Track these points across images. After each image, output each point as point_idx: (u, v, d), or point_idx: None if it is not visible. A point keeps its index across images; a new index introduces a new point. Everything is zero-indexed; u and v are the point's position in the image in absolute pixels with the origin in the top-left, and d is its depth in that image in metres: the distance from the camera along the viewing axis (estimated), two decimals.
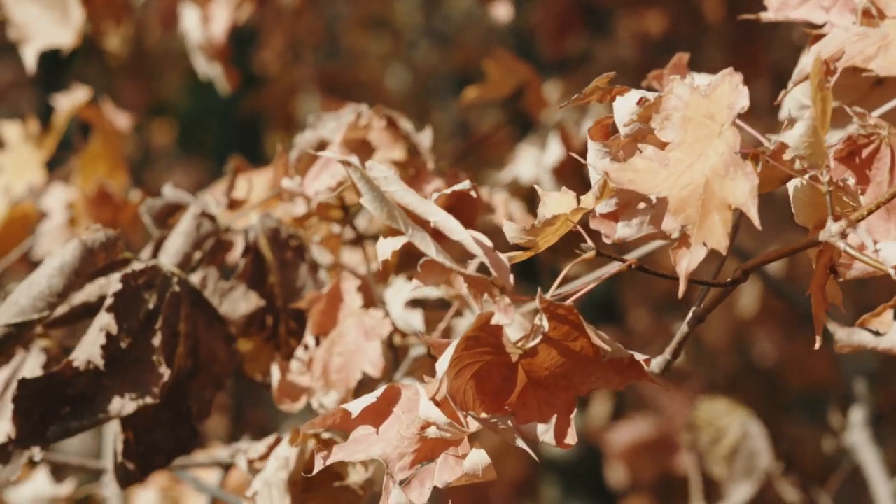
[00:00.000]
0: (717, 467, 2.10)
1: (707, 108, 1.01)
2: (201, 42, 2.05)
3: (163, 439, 1.29)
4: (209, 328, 1.29)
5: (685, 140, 1.01)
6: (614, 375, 1.02)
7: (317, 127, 1.40)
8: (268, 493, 1.26)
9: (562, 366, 1.02)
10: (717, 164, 0.96)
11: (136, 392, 1.22)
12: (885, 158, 1.07)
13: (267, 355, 1.40)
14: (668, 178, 0.99)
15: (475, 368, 1.01)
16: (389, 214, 1.00)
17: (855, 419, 2.14)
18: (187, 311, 1.28)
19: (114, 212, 1.85)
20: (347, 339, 1.32)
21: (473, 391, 1.01)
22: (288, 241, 1.38)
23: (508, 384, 1.02)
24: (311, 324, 1.33)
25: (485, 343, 1.00)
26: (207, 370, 1.30)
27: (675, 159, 1.00)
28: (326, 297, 1.33)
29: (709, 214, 0.96)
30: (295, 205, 1.40)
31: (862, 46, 1.08)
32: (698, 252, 0.97)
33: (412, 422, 1.04)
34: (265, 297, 1.37)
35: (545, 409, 1.02)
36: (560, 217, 1.03)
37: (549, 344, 1.01)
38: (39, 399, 1.21)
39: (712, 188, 0.96)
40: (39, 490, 1.78)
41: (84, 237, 1.23)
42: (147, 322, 1.25)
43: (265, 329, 1.38)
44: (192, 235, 1.34)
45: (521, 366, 1.02)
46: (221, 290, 1.31)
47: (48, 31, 1.85)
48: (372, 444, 1.05)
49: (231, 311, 1.31)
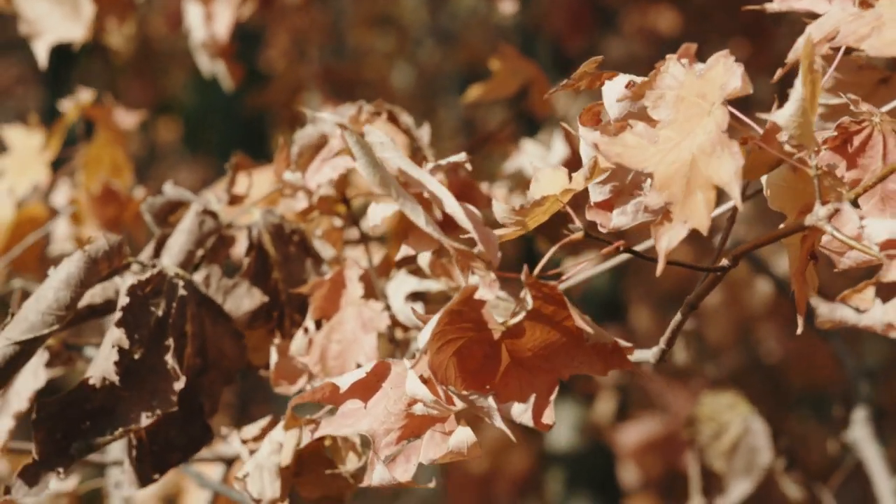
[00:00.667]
0: (718, 462, 2.10)
1: (700, 87, 1.00)
2: (204, 39, 2.05)
3: (176, 437, 1.29)
4: (216, 325, 1.30)
5: (676, 119, 1.00)
6: (597, 360, 1.02)
7: (317, 122, 1.40)
8: (259, 476, 1.27)
9: (545, 348, 1.02)
10: (704, 142, 0.96)
11: (154, 401, 1.22)
12: (878, 146, 1.07)
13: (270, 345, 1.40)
14: (656, 154, 0.99)
15: (457, 345, 1.01)
16: (382, 181, 0.99)
17: (857, 416, 2.14)
18: (193, 312, 1.28)
19: (118, 209, 1.85)
20: (346, 328, 1.32)
21: (455, 368, 1.01)
22: (291, 236, 1.38)
23: (490, 363, 1.02)
24: (313, 308, 1.33)
25: (468, 318, 1.00)
26: (216, 366, 1.30)
27: (664, 137, 0.99)
28: (329, 282, 1.33)
29: (692, 193, 0.95)
30: (297, 199, 1.40)
31: (856, 27, 1.08)
32: (679, 230, 0.96)
33: (399, 398, 1.04)
34: (269, 292, 1.38)
35: (526, 390, 1.02)
36: (549, 197, 1.03)
37: (532, 323, 1.01)
38: (60, 418, 1.21)
39: (698, 166, 0.95)
40: None
41: (87, 248, 1.23)
42: (157, 330, 1.25)
43: (270, 322, 1.39)
44: (194, 233, 1.34)
45: (503, 345, 1.02)
46: (225, 288, 1.32)
47: (59, 26, 1.85)
48: (359, 420, 1.05)
49: (235, 308, 1.32)
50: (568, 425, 4.03)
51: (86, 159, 1.85)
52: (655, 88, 1.03)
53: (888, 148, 1.07)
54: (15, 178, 1.85)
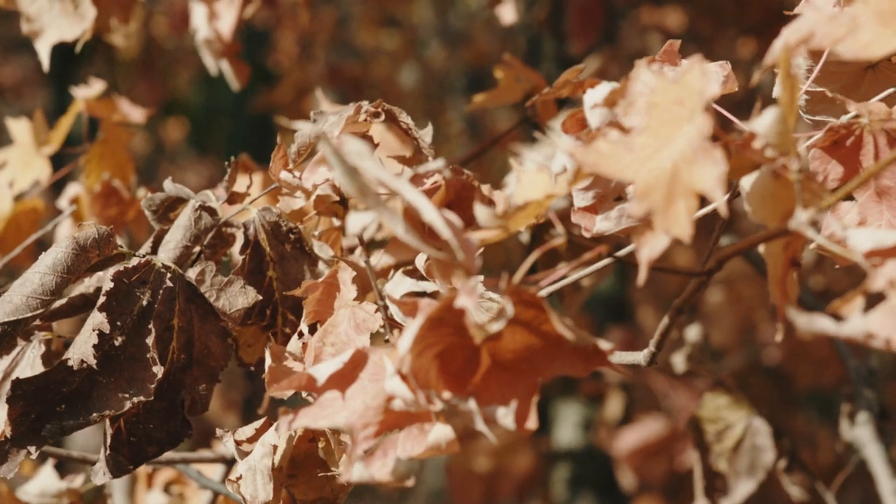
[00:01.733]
0: (721, 463, 2.10)
1: (676, 93, 1.00)
2: (208, 38, 2.05)
3: (155, 430, 1.29)
4: (204, 322, 1.30)
5: (650, 125, 1.00)
6: (578, 362, 1.02)
7: (317, 121, 1.40)
8: (252, 478, 1.27)
9: (526, 350, 1.01)
10: (685, 150, 0.95)
11: (131, 390, 1.22)
12: (869, 146, 1.06)
13: (263, 343, 1.40)
14: (634, 162, 0.98)
15: (439, 349, 1.00)
16: (359, 190, 0.99)
17: (860, 416, 2.14)
18: (182, 306, 1.28)
19: (119, 208, 1.86)
20: (340, 331, 1.32)
21: (436, 371, 1.01)
22: (287, 235, 1.39)
23: (471, 366, 1.02)
24: (307, 312, 1.33)
25: (449, 324, 1.00)
26: (201, 364, 1.30)
27: (640, 144, 0.99)
28: (323, 285, 1.33)
29: (674, 201, 0.95)
30: (294, 198, 1.40)
31: (831, 29, 1.05)
32: (661, 239, 0.95)
33: (377, 393, 1.04)
34: (264, 290, 1.38)
35: (507, 392, 1.01)
36: (532, 202, 1.03)
37: (513, 328, 1.01)
38: (35, 398, 1.21)
39: (680, 174, 0.95)
40: (46, 485, 1.78)
41: (76, 234, 1.24)
42: (141, 319, 1.25)
43: (264, 320, 1.39)
44: (190, 229, 1.34)
45: (485, 348, 1.01)
46: (219, 285, 1.32)
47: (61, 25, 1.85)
48: (337, 412, 1.05)
49: (229, 305, 1.32)
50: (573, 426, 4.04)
51: (88, 157, 1.86)
52: (626, 96, 1.02)
53: (879, 147, 1.07)
54: (17, 171, 1.85)
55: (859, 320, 0.90)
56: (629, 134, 1.00)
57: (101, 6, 1.94)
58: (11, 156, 1.87)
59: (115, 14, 1.94)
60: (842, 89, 1.17)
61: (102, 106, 1.85)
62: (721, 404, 2.11)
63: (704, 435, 2.11)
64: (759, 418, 2.09)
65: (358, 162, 1.00)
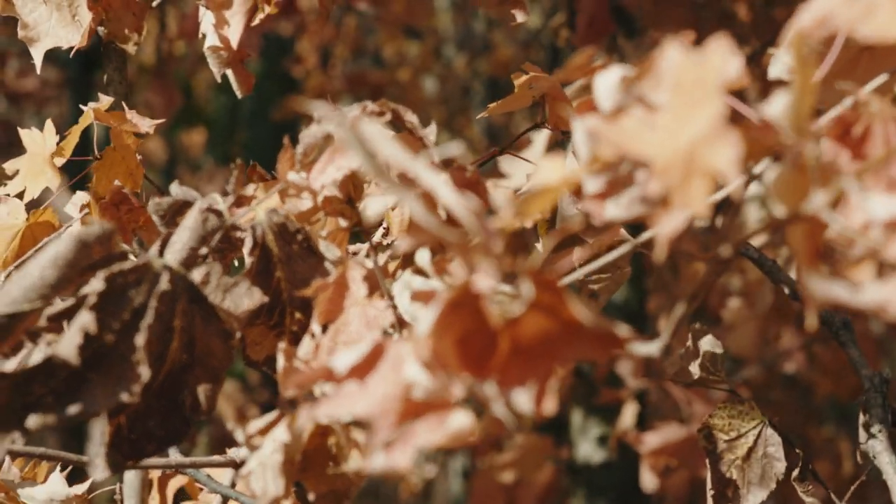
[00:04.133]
0: (733, 471, 2.09)
1: (698, 73, 0.99)
2: (215, 46, 2.05)
3: (156, 428, 1.29)
4: (207, 324, 1.30)
5: (674, 105, 0.99)
6: (596, 347, 1.01)
7: (322, 122, 1.40)
8: (262, 473, 1.27)
9: (544, 334, 1.01)
10: (703, 130, 0.95)
11: (120, 389, 1.22)
12: (879, 135, 1.05)
13: (271, 341, 1.40)
14: (655, 140, 0.98)
15: (457, 334, 1.00)
16: (377, 171, 0.99)
17: (874, 426, 2.12)
18: (184, 307, 1.28)
19: (130, 216, 1.86)
20: (351, 329, 1.32)
21: (455, 356, 1.00)
22: (295, 236, 1.39)
23: (490, 350, 1.01)
24: (318, 312, 1.33)
25: (467, 308, 0.99)
26: (203, 364, 1.30)
27: (663, 123, 0.99)
28: (333, 285, 1.33)
29: (691, 180, 0.95)
30: (301, 200, 1.40)
31: (847, 11, 1.05)
32: (678, 217, 0.95)
33: (397, 381, 1.03)
34: (272, 291, 1.38)
35: (526, 377, 1.01)
36: (548, 188, 1.03)
37: (532, 312, 1.00)
38: (22, 389, 1.21)
39: (696, 154, 0.95)
40: (54, 491, 1.79)
41: (79, 230, 1.24)
42: (133, 320, 1.25)
43: (271, 319, 1.39)
44: (197, 230, 1.35)
45: (503, 333, 1.01)
46: (225, 286, 1.32)
47: (58, 33, 1.86)
48: (356, 401, 1.05)
49: (235, 306, 1.32)
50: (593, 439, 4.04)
51: (97, 165, 1.86)
52: (653, 73, 1.02)
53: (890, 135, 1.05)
54: (28, 181, 1.86)
55: (874, 289, 0.89)
56: (654, 111, 1.00)
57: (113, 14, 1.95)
58: (23, 165, 1.87)
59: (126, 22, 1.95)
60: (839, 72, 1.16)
61: (112, 115, 1.85)
62: (733, 413, 2.11)
63: (716, 443, 2.10)
64: (771, 427, 2.08)
65: (375, 144, 1.01)
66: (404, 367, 1.02)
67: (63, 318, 1.29)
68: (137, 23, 1.96)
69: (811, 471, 2.13)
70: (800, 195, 1.00)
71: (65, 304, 1.28)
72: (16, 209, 1.86)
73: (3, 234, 1.86)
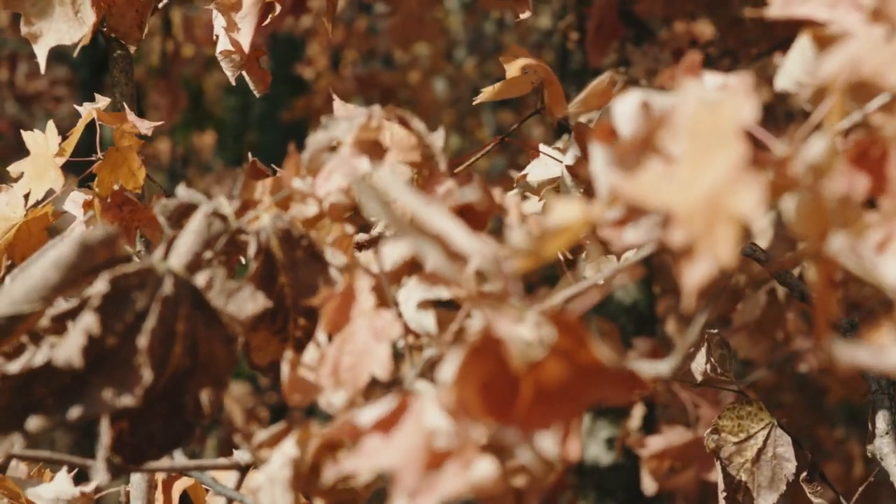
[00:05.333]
0: (743, 473, 2.09)
1: (714, 119, 0.99)
2: (227, 49, 2.05)
3: (158, 432, 1.29)
4: (209, 328, 1.29)
5: (692, 152, 0.99)
6: (618, 388, 1.01)
7: (328, 128, 1.40)
8: (270, 489, 1.27)
9: (567, 377, 1.00)
10: (723, 175, 0.95)
11: (121, 392, 1.22)
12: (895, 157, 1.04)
13: (275, 346, 1.40)
14: (675, 190, 0.97)
15: (480, 379, 0.99)
16: (395, 222, 0.99)
17: (880, 428, 2.12)
18: (187, 311, 1.28)
19: (132, 216, 1.86)
20: (358, 339, 1.32)
21: (479, 402, 1.00)
22: (299, 241, 1.38)
23: (513, 395, 1.01)
24: (324, 321, 1.33)
25: (489, 354, 0.99)
26: (206, 369, 1.30)
27: (682, 172, 0.98)
28: (340, 295, 1.33)
29: (715, 227, 0.94)
30: (307, 205, 1.40)
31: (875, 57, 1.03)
32: (704, 266, 0.94)
33: (420, 431, 1.03)
34: (275, 296, 1.37)
35: (551, 421, 1.00)
36: (567, 228, 1.02)
37: (555, 355, 0.99)
38: (23, 391, 1.21)
39: (718, 200, 0.94)
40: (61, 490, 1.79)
41: (83, 233, 1.24)
42: (135, 323, 1.25)
43: (275, 325, 1.39)
44: (202, 234, 1.34)
45: (526, 377, 1.00)
46: (228, 291, 1.31)
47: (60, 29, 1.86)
48: (379, 455, 1.04)
49: (238, 311, 1.31)
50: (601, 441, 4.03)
51: (100, 165, 1.86)
52: (667, 125, 1.01)
53: None
54: (32, 182, 1.86)
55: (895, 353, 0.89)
56: (671, 163, 0.99)
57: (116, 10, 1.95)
58: (27, 167, 1.87)
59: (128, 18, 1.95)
60: None
61: (113, 116, 1.85)
62: (742, 414, 2.10)
63: (725, 445, 2.10)
64: (780, 428, 2.08)
65: (390, 192, 1.01)
66: (426, 416, 1.01)
67: (66, 319, 1.29)
68: (139, 19, 1.96)
69: (819, 472, 2.13)
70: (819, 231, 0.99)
71: (68, 305, 1.27)
72: (15, 202, 1.86)
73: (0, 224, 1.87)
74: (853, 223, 0.98)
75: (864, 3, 1.10)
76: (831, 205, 0.97)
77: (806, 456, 2.09)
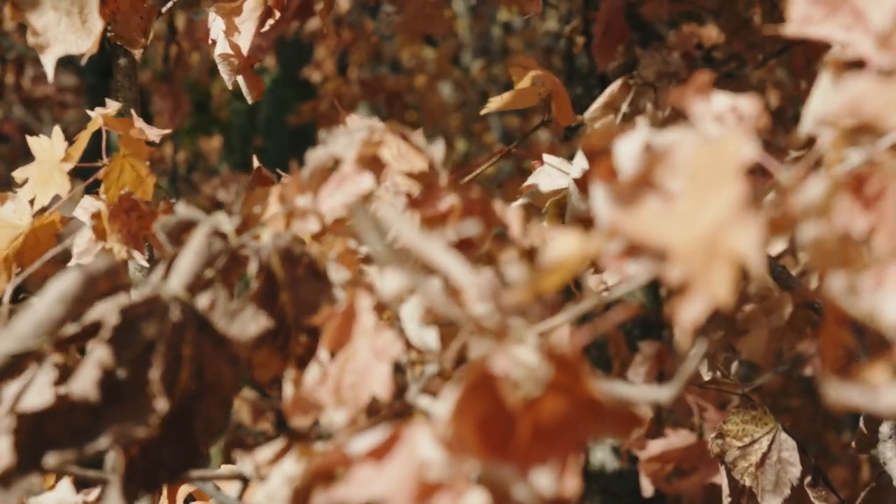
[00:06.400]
0: (747, 478, 2.09)
1: (714, 158, 0.99)
2: (225, 53, 2.06)
3: (168, 456, 1.29)
4: (215, 350, 1.29)
5: (691, 190, 0.99)
6: (616, 425, 1.00)
7: (328, 143, 1.40)
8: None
9: (565, 414, 1.00)
10: (722, 214, 0.95)
11: (136, 422, 1.22)
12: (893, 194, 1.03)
13: (277, 363, 1.40)
14: (674, 227, 0.97)
15: (477, 415, 0.99)
16: (396, 260, 0.99)
17: (883, 432, 2.12)
18: (193, 336, 1.28)
19: (139, 222, 1.86)
20: (359, 358, 1.32)
21: (475, 439, 1.00)
22: (300, 259, 1.38)
23: (510, 431, 1.00)
24: (326, 340, 1.33)
25: (485, 391, 0.99)
26: (213, 391, 1.30)
27: (681, 210, 0.98)
28: (342, 314, 1.33)
29: (712, 266, 0.94)
30: (308, 222, 1.40)
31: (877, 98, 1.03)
32: (700, 304, 0.94)
33: (413, 462, 1.03)
34: (276, 315, 1.37)
35: (549, 457, 1.00)
36: (565, 264, 1.02)
37: (552, 391, 0.99)
38: (39, 430, 1.21)
39: (717, 239, 0.94)
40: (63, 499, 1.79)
41: (86, 265, 1.24)
42: (146, 352, 1.25)
43: (276, 343, 1.39)
44: (202, 254, 1.34)
45: (524, 412, 1.00)
46: (231, 312, 1.31)
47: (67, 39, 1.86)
48: (371, 485, 1.04)
49: (240, 332, 1.31)
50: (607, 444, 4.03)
51: (106, 171, 1.86)
52: (668, 160, 1.01)
53: None
54: (37, 188, 1.86)
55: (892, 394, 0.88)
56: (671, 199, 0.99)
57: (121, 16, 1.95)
58: (32, 173, 1.87)
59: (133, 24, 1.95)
60: None
61: (120, 122, 1.85)
62: (746, 418, 2.11)
63: (730, 449, 2.10)
64: (784, 432, 2.08)
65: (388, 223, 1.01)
66: (419, 446, 1.01)
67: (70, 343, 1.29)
68: (144, 25, 1.96)
69: (824, 476, 2.13)
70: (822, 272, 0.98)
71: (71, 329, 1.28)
72: (22, 209, 1.86)
73: (6, 232, 1.87)
74: (853, 262, 0.98)
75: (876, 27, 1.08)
76: (831, 245, 0.97)
77: (810, 460, 2.10)
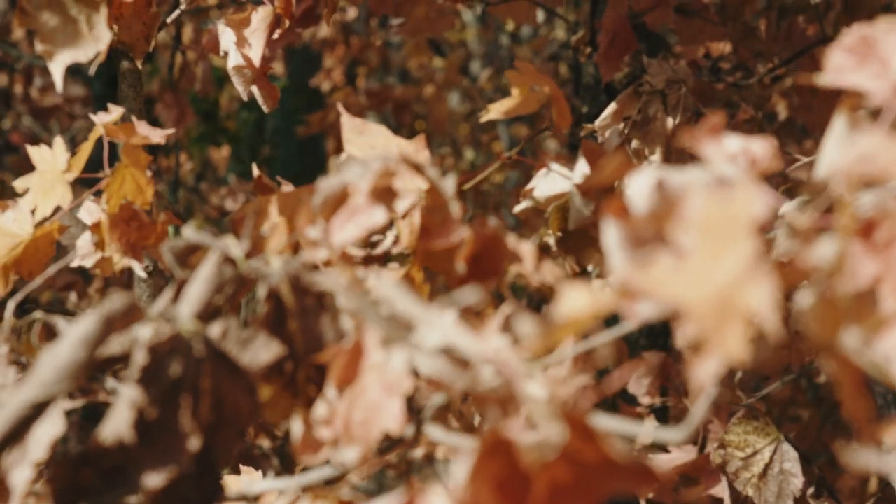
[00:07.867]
0: (749, 489, 2.08)
1: (725, 213, 0.98)
2: (238, 65, 2.06)
3: (189, 492, 1.28)
4: (232, 381, 1.28)
5: (703, 247, 0.98)
6: (633, 482, 1.00)
7: (342, 171, 1.39)
8: None
9: (580, 474, 1.00)
10: (735, 271, 0.94)
11: (168, 460, 1.22)
12: None
13: (286, 402, 1.39)
14: (687, 285, 0.97)
15: (493, 478, 0.99)
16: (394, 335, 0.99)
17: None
18: (211, 368, 1.27)
19: (140, 232, 1.86)
20: (369, 394, 1.30)
21: (491, 499, 0.99)
22: (309, 289, 1.37)
23: (527, 492, 1.00)
24: (334, 376, 1.32)
25: (500, 455, 0.99)
26: (231, 422, 1.28)
27: (693, 267, 0.97)
28: (349, 351, 1.31)
29: (726, 324, 0.93)
30: (318, 251, 1.39)
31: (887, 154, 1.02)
32: (714, 363, 0.93)
33: None
34: (285, 343, 1.36)
35: None
36: (576, 319, 1.02)
37: (567, 452, 0.99)
38: (72, 477, 1.20)
39: (730, 297, 0.94)
40: None
41: (103, 308, 1.24)
42: (173, 389, 1.24)
43: (283, 374, 1.37)
44: (213, 282, 1.33)
45: (540, 474, 1.00)
46: (243, 340, 1.31)
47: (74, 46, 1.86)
48: None
49: (252, 360, 1.30)
50: None
51: (108, 181, 1.86)
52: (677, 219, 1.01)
53: None
54: (39, 198, 1.86)
55: None
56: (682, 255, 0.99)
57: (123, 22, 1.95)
58: (33, 182, 1.87)
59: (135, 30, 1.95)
60: None
61: (121, 130, 1.85)
62: (749, 429, 2.10)
63: (732, 460, 2.10)
64: (787, 443, 2.07)
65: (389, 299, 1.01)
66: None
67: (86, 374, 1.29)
68: (146, 31, 1.97)
69: (828, 488, 2.12)
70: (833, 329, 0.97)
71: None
72: (23, 219, 1.86)
73: (6, 241, 1.87)
74: (866, 318, 0.97)
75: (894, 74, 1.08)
76: (843, 302, 0.96)
77: (814, 471, 2.09)
